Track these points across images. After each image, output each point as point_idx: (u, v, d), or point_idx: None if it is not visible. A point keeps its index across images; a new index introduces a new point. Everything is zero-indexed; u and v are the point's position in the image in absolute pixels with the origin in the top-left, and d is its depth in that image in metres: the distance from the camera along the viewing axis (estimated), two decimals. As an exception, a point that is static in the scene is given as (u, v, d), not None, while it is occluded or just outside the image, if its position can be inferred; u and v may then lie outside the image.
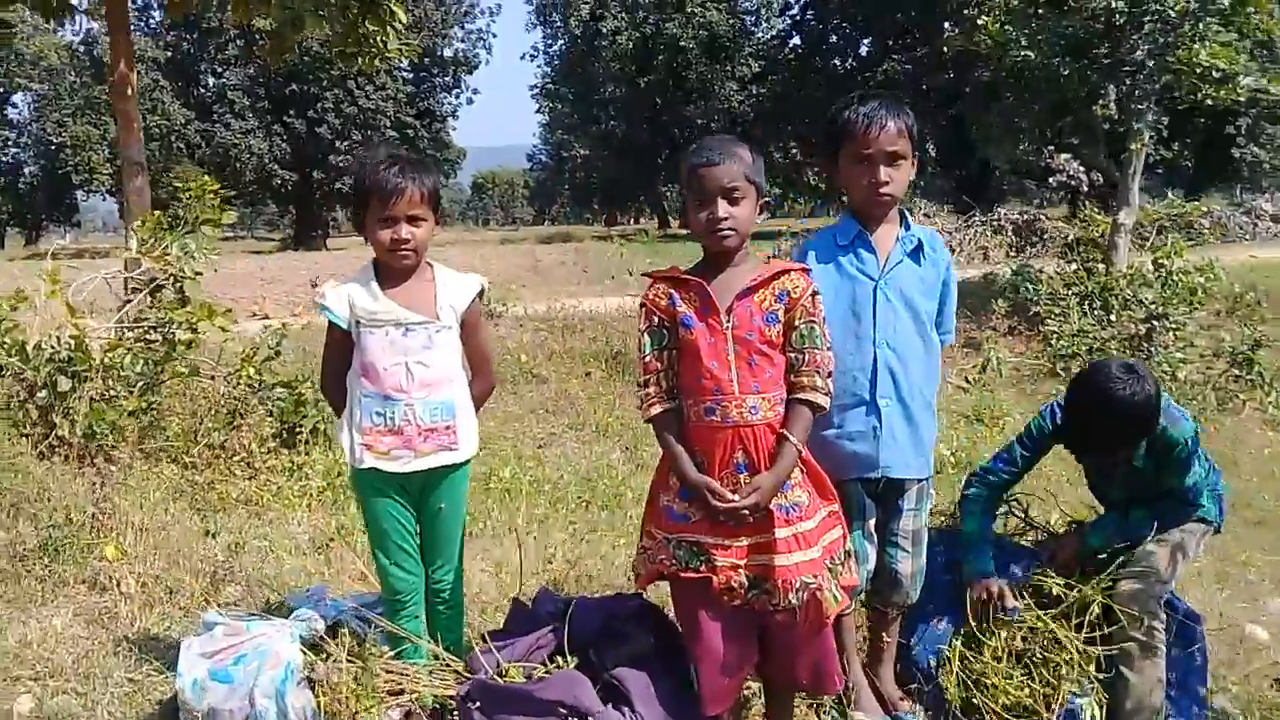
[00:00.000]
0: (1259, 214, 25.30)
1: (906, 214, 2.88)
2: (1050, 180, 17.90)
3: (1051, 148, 15.21)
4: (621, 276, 15.77)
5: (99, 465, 4.79)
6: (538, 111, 54.74)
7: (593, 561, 4.21)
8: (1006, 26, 10.70)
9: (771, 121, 40.17)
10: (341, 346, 2.91)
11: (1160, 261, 9.96)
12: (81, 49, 44.13)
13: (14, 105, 52.61)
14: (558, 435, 7.07)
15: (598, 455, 6.48)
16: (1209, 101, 10.26)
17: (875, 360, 2.76)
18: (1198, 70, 9.72)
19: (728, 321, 2.48)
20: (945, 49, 18.12)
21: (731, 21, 40.17)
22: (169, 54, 39.32)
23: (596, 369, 8.44)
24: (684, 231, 41.37)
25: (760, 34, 42.39)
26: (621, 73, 41.24)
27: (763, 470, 2.47)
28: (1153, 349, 9.25)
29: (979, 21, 10.89)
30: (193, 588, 3.74)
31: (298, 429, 5.58)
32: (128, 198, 10.10)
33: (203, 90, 40.63)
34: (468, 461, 3.00)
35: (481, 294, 2.98)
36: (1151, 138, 11.97)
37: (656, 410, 2.56)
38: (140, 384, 5.27)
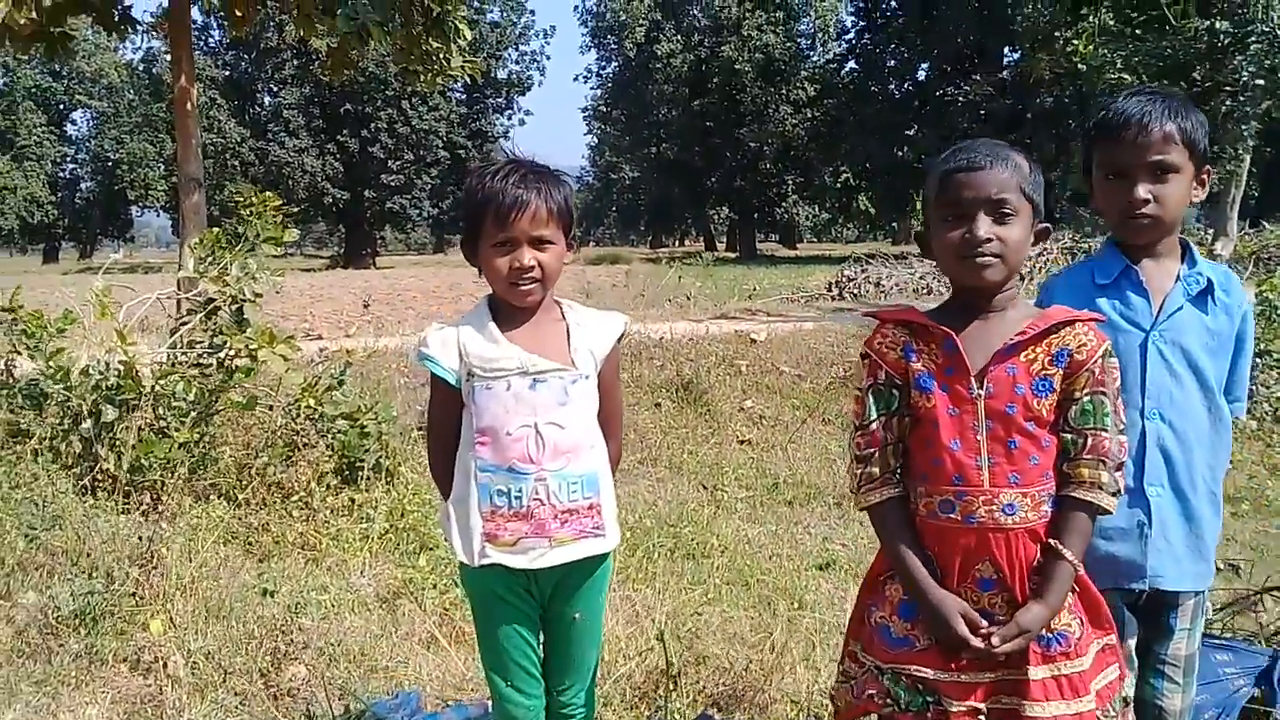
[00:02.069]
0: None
1: (1191, 246, 2.24)
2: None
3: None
4: (679, 300, 15.36)
5: (144, 504, 4.40)
6: (587, 133, 54.74)
7: (712, 641, 3.63)
8: (1101, 50, 10.13)
9: (826, 145, 39.68)
10: (451, 408, 2.28)
11: (1265, 294, 9.34)
12: (141, 67, 44.78)
13: (74, 122, 53.69)
14: (628, 471, 6.59)
15: (673, 494, 6.01)
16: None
17: (1143, 436, 2.12)
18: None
19: (980, 388, 1.88)
20: (1025, 72, 17.49)
21: (787, 45, 39.87)
22: (226, 73, 39.80)
23: (667, 399, 7.97)
24: (733, 255, 41.14)
25: (816, 57, 41.99)
26: (675, 95, 41.06)
27: (1017, 590, 1.86)
28: (1254, 387, 8.69)
29: (1071, 44, 10.33)
30: (250, 667, 3.27)
31: (359, 464, 5.16)
32: (184, 214, 9.84)
33: (258, 109, 41.04)
34: (611, 553, 2.36)
35: (622, 336, 2.37)
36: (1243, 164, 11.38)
37: (879, 497, 1.96)
38: (193, 414, 4.88)
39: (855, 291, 17.29)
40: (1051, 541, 1.87)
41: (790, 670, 3.34)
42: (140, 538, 3.74)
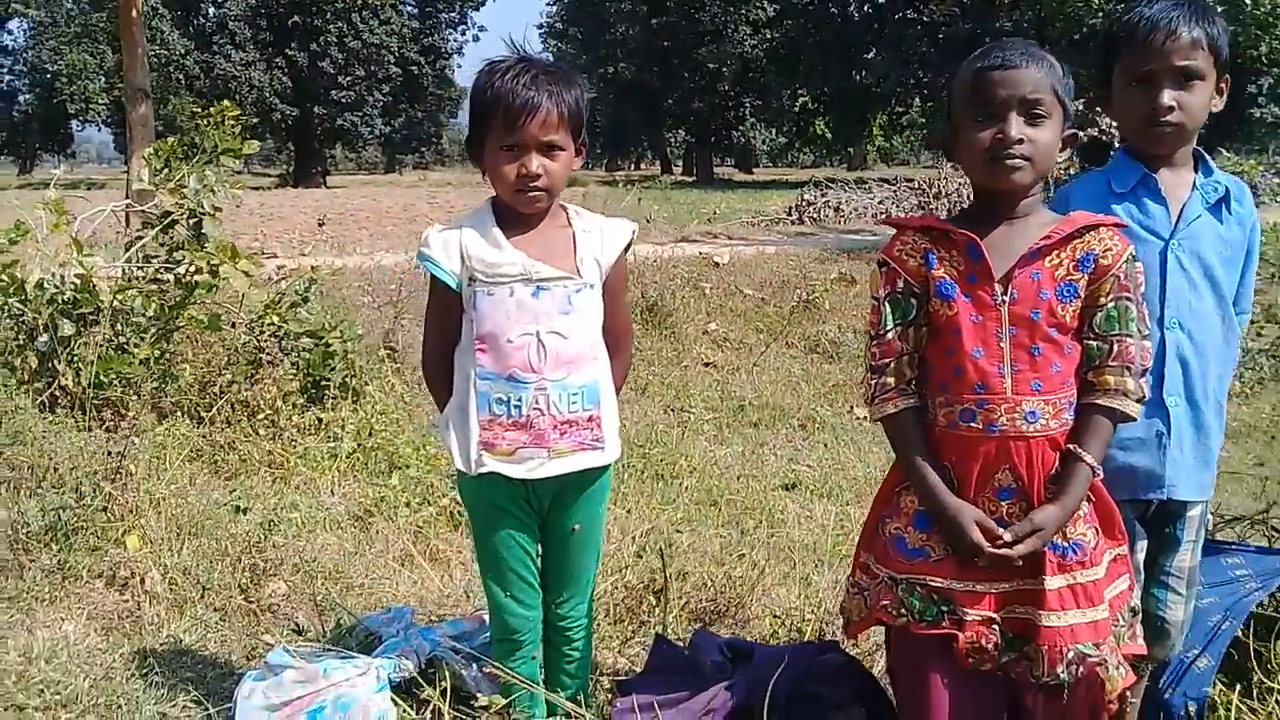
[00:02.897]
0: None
1: (1205, 156, 2.19)
2: (1082, 135, 17.20)
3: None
4: (639, 222, 15.22)
5: (106, 422, 4.30)
6: (543, 51, 53.65)
7: (694, 560, 3.65)
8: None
9: (784, 67, 39.25)
10: (450, 313, 2.20)
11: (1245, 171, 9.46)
12: (80, -26, 42.99)
13: (9, 32, 51.56)
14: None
15: (640, 415, 6.01)
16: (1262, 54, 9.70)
17: (1163, 345, 2.08)
18: (1256, 15, 9.14)
19: (1005, 294, 1.82)
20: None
21: (748, -37, 39.10)
22: (169, -19, 38.24)
23: (632, 321, 7.94)
24: (689, 179, 40.83)
25: (776, -24, 41.27)
26: (633, 13, 40.26)
27: (1035, 499, 1.83)
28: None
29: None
30: (228, 583, 3.22)
31: (324, 383, 5.08)
32: (131, 126, 9.54)
33: (203, 20, 39.58)
34: (610, 466, 2.30)
35: (629, 245, 2.27)
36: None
37: (894, 408, 1.90)
38: (153, 330, 4.77)
39: (815, 216, 17.31)
40: (1071, 446, 1.84)
41: (770, 587, 3.37)
42: (109, 453, 3.63)
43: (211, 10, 39.63)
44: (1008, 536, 1.81)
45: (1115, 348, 1.85)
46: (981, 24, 33.07)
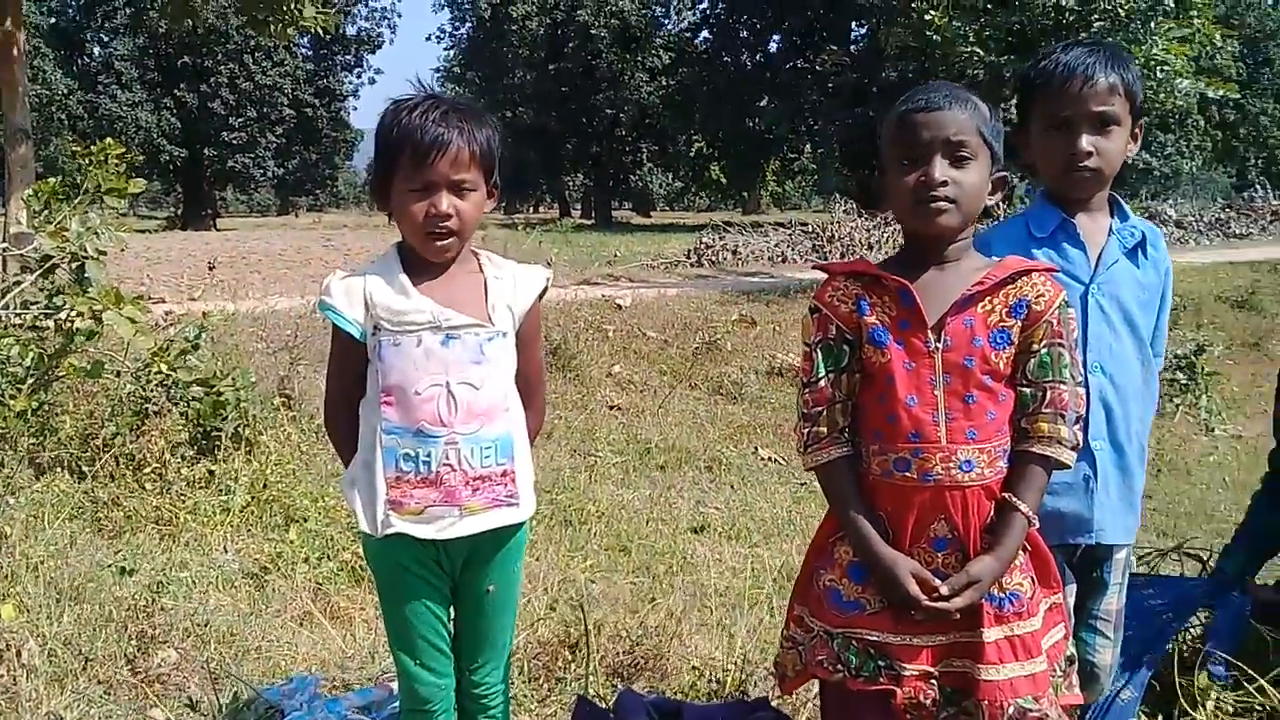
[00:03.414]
0: (1163, 219, 25.82)
1: (1120, 201, 2.21)
2: (1012, 178, 17.73)
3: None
4: (540, 266, 15.16)
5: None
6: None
7: (607, 608, 3.56)
8: (955, 22, 10.43)
9: (680, 113, 39.85)
10: (353, 364, 2.08)
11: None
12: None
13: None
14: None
15: (546, 460, 5.92)
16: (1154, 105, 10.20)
17: (1086, 390, 2.01)
18: (1146, 70, 9.59)
19: (938, 341, 1.81)
20: (872, 47, 17.90)
21: (643, 11, 39.76)
22: (52, 20, 37.05)
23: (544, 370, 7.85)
24: (589, 222, 40.94)
25: (670, 25, 42.02)
26: (530, 59, 40.43)
27: (972, 549, 1.80)
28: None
29: (927, 16, 10.58)
30: (113, 653, 3.00)
31: (216, 433, 4.87)
32: (10, 167, 9.17)
33: (87, 59, 38.39)
34: (526, 523, 2.19)
35: (544, 291, 2.18)
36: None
37: (827, 456, 1.87)
38: (30, 380, 4.51)
39: (713, 259, 17.48)
40: (1006, 495, 1.82)
41: (687, 635, 3.31)
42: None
43: (97, 50, 38.50)
44: (944, 589, 1.77)
45: (1048, 394, 1.83)
46: (868, 74, 34.13)
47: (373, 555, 2.17)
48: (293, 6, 11.39)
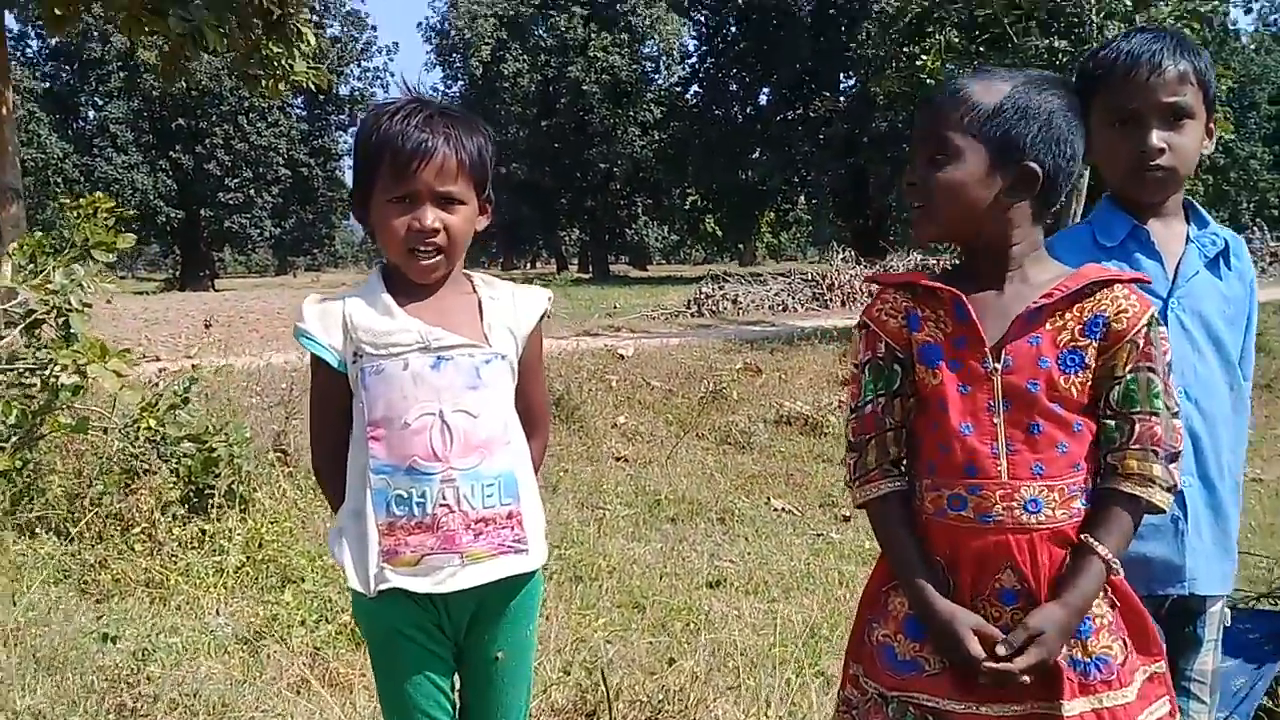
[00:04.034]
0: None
1: (1197, 206, 1.94)
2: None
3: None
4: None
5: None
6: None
7: (623, 670, 3.33)
8: (948, 66, 10.39)
9: (673, 167, 40.12)
10: (335, 398, 1.84)
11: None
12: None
13: None
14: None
15: (553, 514, 5.70)
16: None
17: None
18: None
19: (996, 362, 1.56)
20: (862, 96, 18.00)
21: (633, 67, 40.21)
22: (46, 85, 37.36)
23: (549, 400, 7.67)
24: (586, 276, 41.00)
25: (661, 80, 42.43)
26: (523, 115, 40.82)
27: (1043, 599, 1.54)
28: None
29: (919, 61, 10.54)
30: (93, 732, 2.79)
31: (208, 491, 4.66)
32: (2, 227, 9.04)
33: (83, 123, 38.68)
34: (538, 573, 1.92)
35: (544, 315, 1.94)
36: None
37: (875, 492, 1.63)
38: (13, 439, 4.31)
39: (714, 309, 17.41)
40: (1084, 536, 1.54)
41: (711, 700, 3.08)
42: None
43: (92, 113, 38.78)
44: (1002, 648, 1.51)
45: (1137, 427, 1.56)
46: (859, 124, 34.36)
47: (365, 618, 1.91)
48: (284, 63, 11.35)
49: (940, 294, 1.61)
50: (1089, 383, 1.57)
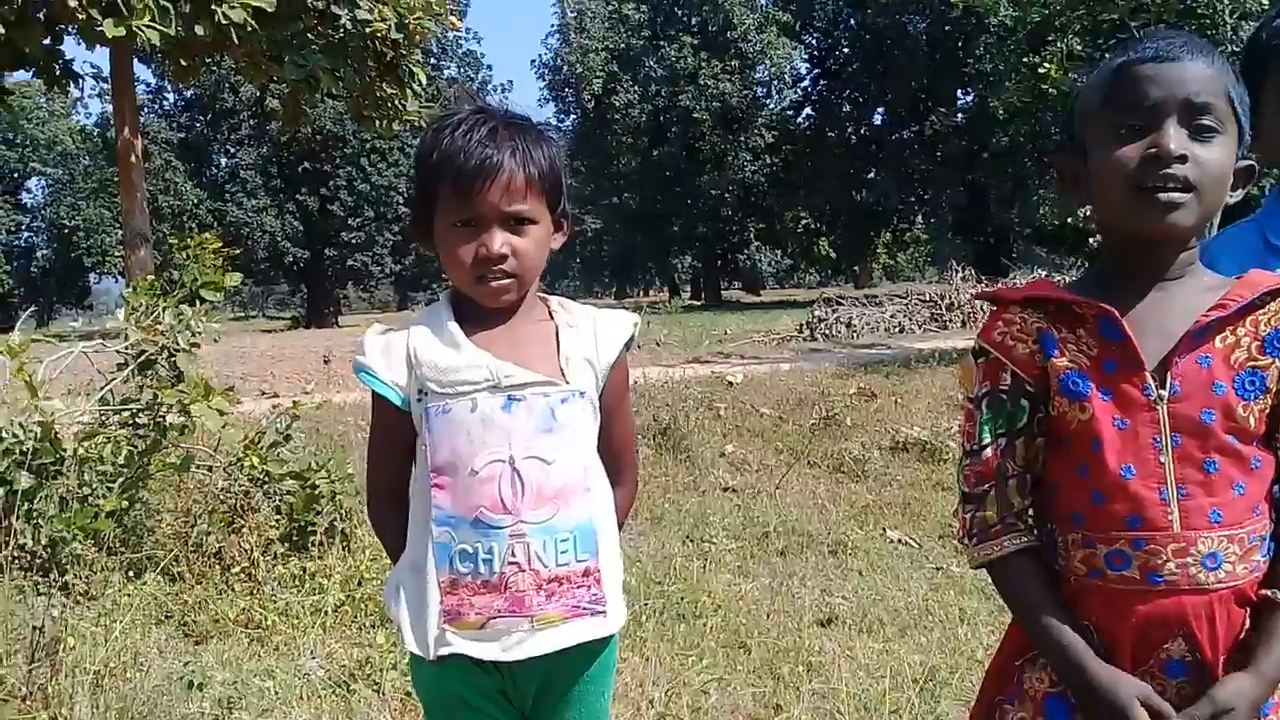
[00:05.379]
0: None
1: None
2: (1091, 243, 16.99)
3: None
4: (649, 346, 15.03)
5: (67, 583, 3.88)
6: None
7: None
8: (1071, 74, 9.95)
9: (785, 191, 39.86)
10: (398, 438, 1.70)
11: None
12: (96, 132, 44.36)
13: (28, 190, 52.99)
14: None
15: (656, 548, 5.55)
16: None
17: None
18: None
19: (1161, 387, 1.31)
20: (995, 104, 17.45)
21: (744, 93, 40.11)
22: (181, 135, 39.39)
23: (644, 446, 7.53)
24: (698, 302, 40.96)
25: (773, 105, 42.28)
26: (634, 145, 41.15)
27: (1218, 671, 1.29)
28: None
29: (1040, 70, 10.11)
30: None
31: (310, 528, 4.66)
32: (129, 270, 9.38)
33: (215, 170, 40.64)
34: (615, 637, 1.74)
35: (631, 341, 1.76)
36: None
37: (1000, 550, 1.38)
38: (121, 479, 4.38)
39: (827, 333, 17.07)
40: (1271, 592, 1.30)
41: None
42: (35, 626, 3.16)
43: (224, 160, 40.66)
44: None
45: None
46: (978, 140, 33.56)
47: (423, 684, 1.75)
48: (396, 103, 11.63)
49: (1081, 310, 1.36)
50: (1267, 410, 1.32)
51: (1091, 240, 16.48)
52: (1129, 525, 1.30)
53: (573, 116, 45.97)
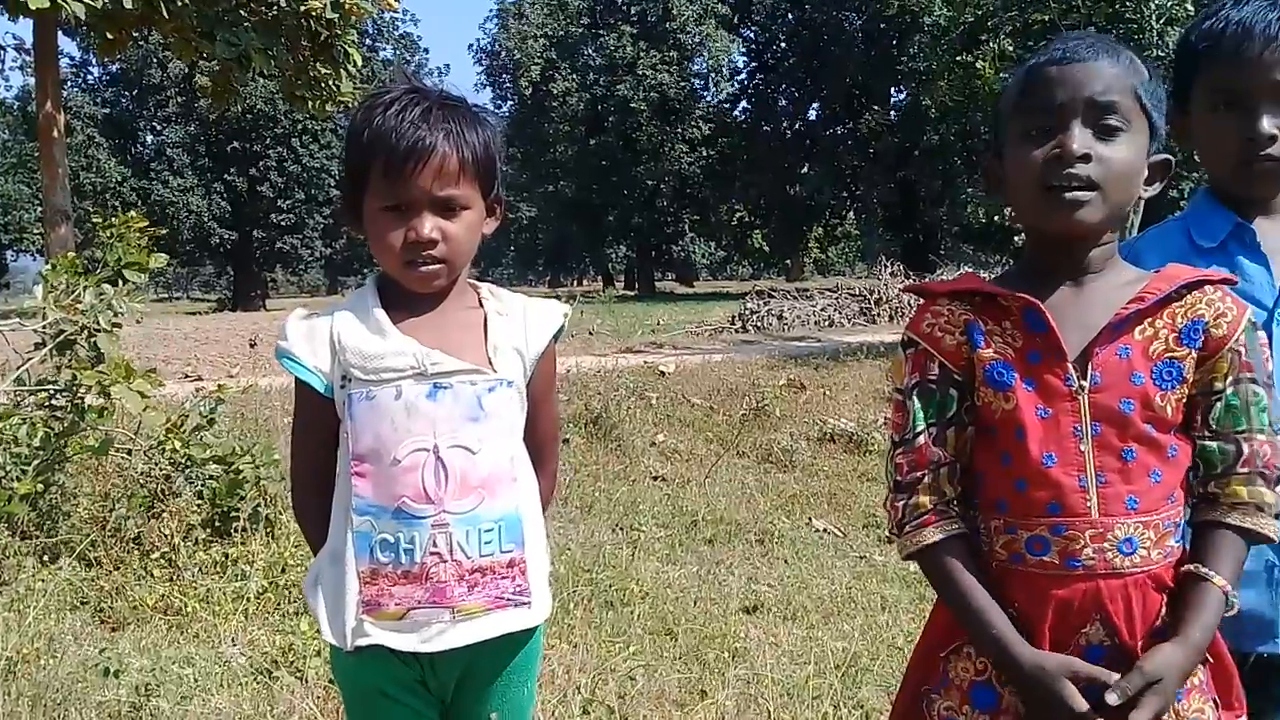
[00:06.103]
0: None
1: None
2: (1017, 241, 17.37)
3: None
4: (582, 335, 15.00)
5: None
6: (485, 172, 54.39)
7: (649, 705, 3.17)
8: (1002, 74, 10.15)
9: (720, 183, 40.03)
10: (319, 425, 1.66)
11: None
12: (15, 105, 42.92)
13: (-60, 163, 51.10)
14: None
15: (586, 536, 5.57)
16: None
17: None
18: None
19: (1083, 378, 1.34)
20: (927, 103, 17.71)
21: (681, 84, 40.13)
22: (106, 110, 38.27)
23: (575, 434, 7.53)
24: (632, 293, 40.94)
25: (710, 97, 42.37)
26: (571, 133, 40.93)
27: (1138, 654, 1.31)
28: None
29: (975, 67, 10.29)
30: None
31: (233, 514, 4.58)
32: (49, 248, 9.11)
33: (141, 148, 39.56)
34: (540, 628, 1.72)
35: (560, 331, 1.74)
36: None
37: (931, 537, 1.39)
38: (37, 462, 4.26)
39: (759, 325, 17.21)
40: (1194, 566, 1.33)
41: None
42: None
43: (149, 138, 39.62)
44: (1113, 696, 1.27)
45: (1243, 449, 1.35)
46: (910, 137, 34.00)
47: (341, 675, 1.72)
48: (330, 84, 11.45)
49: (1006, 302, 1.39)
50: (1184, 399, 1.36)
51: (1016, 239, 16.87)
52: (1049, 512, 1.33)
53: (510, 103, 45.58)
